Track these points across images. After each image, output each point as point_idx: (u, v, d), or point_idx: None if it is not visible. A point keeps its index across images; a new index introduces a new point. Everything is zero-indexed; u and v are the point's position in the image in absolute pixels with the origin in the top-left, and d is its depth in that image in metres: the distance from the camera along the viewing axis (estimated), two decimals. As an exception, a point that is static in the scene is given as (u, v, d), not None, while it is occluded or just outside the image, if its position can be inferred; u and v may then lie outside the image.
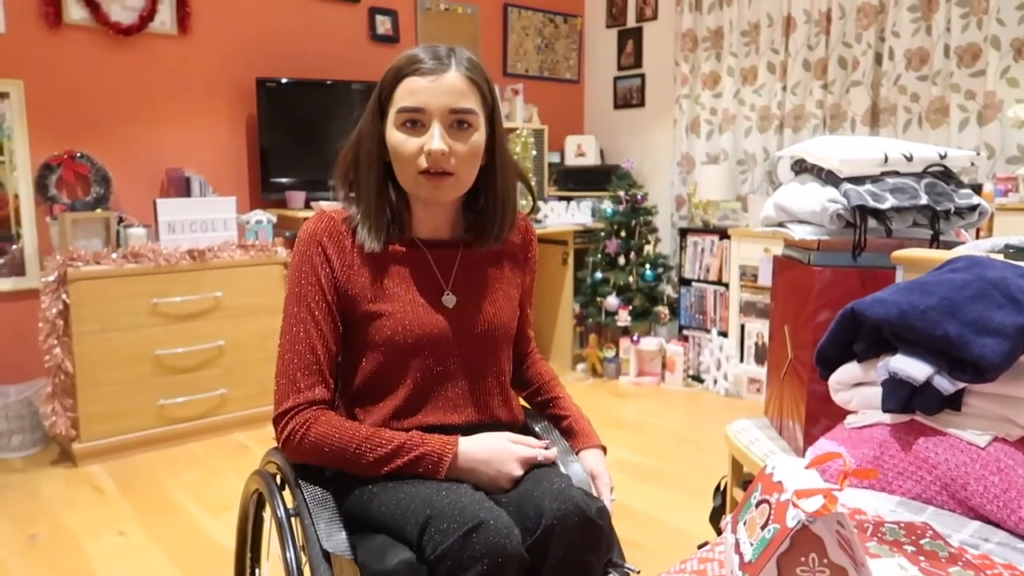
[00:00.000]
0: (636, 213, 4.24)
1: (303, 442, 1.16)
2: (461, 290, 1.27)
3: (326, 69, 3.92)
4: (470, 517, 1.01)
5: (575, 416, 1.41)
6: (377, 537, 1.11)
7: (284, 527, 1.19)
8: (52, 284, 2.84)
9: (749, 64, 4.22)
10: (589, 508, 1.08)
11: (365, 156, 1.22)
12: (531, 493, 1.10)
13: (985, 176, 3.23)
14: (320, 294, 1.20)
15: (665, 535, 2.37)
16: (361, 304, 1.22)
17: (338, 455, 1.15)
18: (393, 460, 1.14)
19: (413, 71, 1.16)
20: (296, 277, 1.22)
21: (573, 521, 1.06)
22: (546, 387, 1.46)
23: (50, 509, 2.59)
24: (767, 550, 0.79)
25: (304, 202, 3.70)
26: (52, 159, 3.20)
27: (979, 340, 1.12)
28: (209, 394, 3.21)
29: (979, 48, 3.29)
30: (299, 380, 1.18)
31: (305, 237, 1.24)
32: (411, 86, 1.16)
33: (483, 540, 0.99)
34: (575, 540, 1.06)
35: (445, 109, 1.16)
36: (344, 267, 1.22)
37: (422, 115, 1.16)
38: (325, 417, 1.17)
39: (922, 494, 1.21)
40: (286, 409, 1.17)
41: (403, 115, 1.16)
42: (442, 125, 1.16)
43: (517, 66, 4.83)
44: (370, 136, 1.22)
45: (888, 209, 1.67)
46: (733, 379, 3.94)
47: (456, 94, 1.16)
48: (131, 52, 3.41)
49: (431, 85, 1.15)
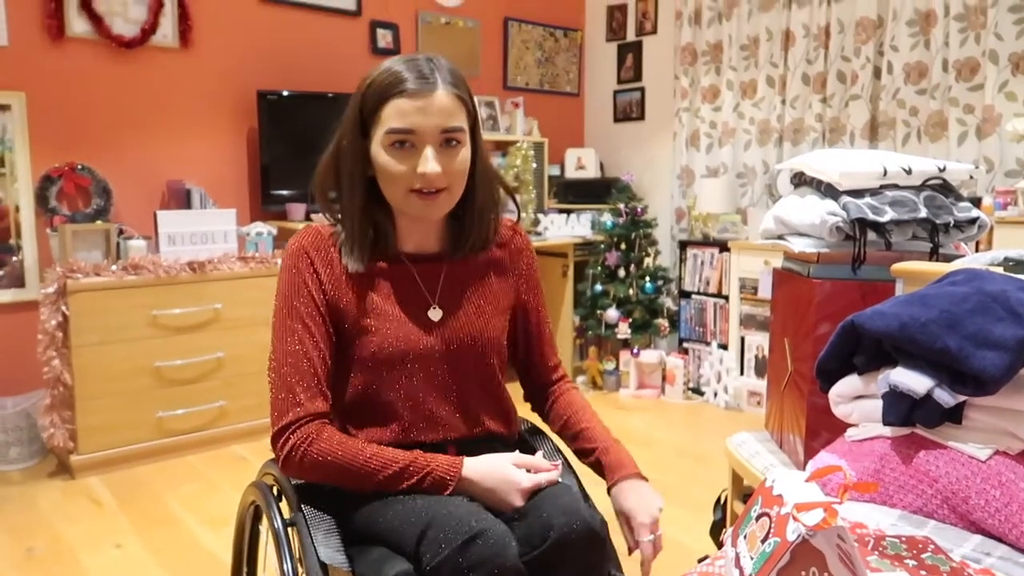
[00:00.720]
0: (636, 226, 4.24)
1: (304, 459, 1.13)
2: (447, 303, 1.27)
3: (327, 82, 3.93)
4: (467, 528, 1.01)
5: (603, 447, 1.30)
6: (375, 549, 1.11)
7: (281, 539, 1.18)
8: (52, 296, 2.84)
9: (748, 78, 4.24)
10: (595, 522, 1.09)
11: (348, 174, 1.20)
12: (538, 506, 1.10)
13: (984, 189, 3.24)
14: (313, 306, 1.19)
15: (665, 549, 2.35)
16: (348, 319, 1.22)
17: (341, 473, 1.14)
18: (398, 482, 1.13)
19: (399, 92, 1.14)
20: (286, 291, 1.21)
21: (580, 536, 1.06)
22: (573, 419, 1.36)
23: (47, 522, 2.57)
24: (768, 564, 0.78)
25: (304, 214, 3.71)
26: (53, 171, 3.20)
27: (979, 353, 1.11)
28: (208, 406, 3.20)
29: (977, 62, 3.30)
30: (298, 393, 1.15)
31: (293, 251, 1.23)
32: (399, 107, 1.14)
33: (480, 551, 0.99)
34: (582, 555, 1.06)
35: (436, 130, 1.15)
36: (332, 281, 1.21)
37: (412, 136, 1.14)
38: (327, 433, 1.15)
39: (923, 508, 1.20)
40: (286, 424, 1.15)
41: (392, 136, 1.15)
42: (433, 146, 1.15)
43: (517, 79, 4.85)
44: (352, 153, 1.19)
45: (887, 222, 1.67)
46: (733, 392, 3.93)
47: (445, 114, 1.15)
48: (133, 65, 3.42)
49: (420, 106, 1.13)
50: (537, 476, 1.15)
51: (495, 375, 1.31)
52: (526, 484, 1.13)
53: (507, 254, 1.36)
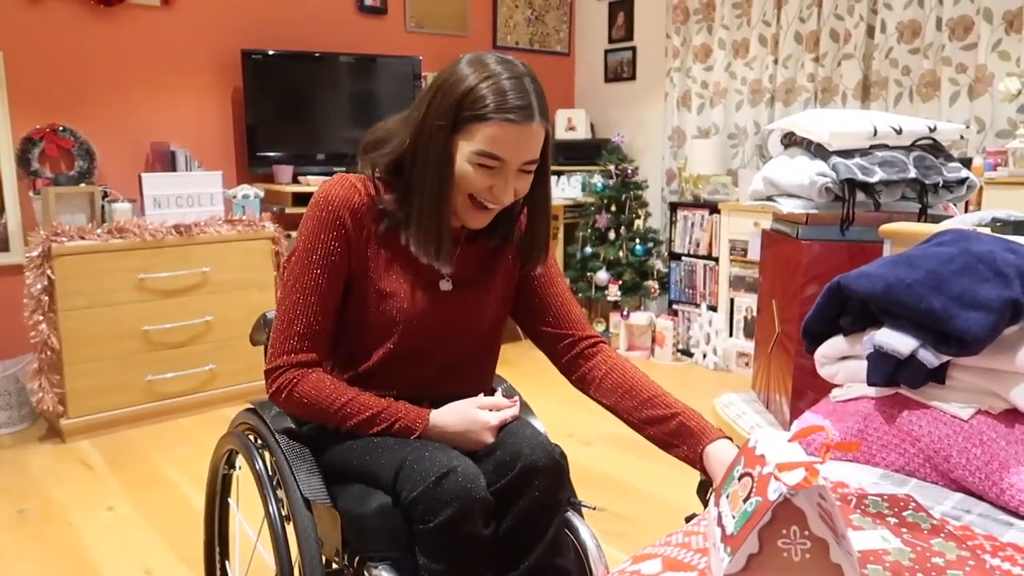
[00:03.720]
0: (626, 187, 4.22)
1: (290, 397, 1.23)
2: (457, 278, 1.30)
3: (313, 41, 3.86)
4: (440, 465, 1.10)
5: (685, 412, 1.22)
6: (354, 486, 1.20)
7: (264, 479, 1.28)
8: (36, 260, 2.82)
9: (741, 37, 4.18)
10: (555, 452, 1.19)
11: (433, 163, 1.18)
12: (505, 440, 1.20)
13: (975, 150, 3.23)
14: (330, 261, 1.22)
15: (653, 507, 2.39)
16: (363, 278, 1.25)
17: (319, 414, 1.23)
18: (369, 427, 1.22)
19: (502, 117, 1.13)
20: (308, 239, 1.23)
21: (544, 464, 1.16)
22: (635, 387, 1.28)
23: (39, 484, 2.59)
24: (749, 523, 0.79)
25: (292, 176, 3.67)
26: (34, 133, 3.15)
27: (964, 314, 1.12)
28: (198, 370, 3.20)
29: (971, 21, 3.27)
30: (294, 340, 1.23)
31: (325, 203, 1.22)
32: (496, 133, 1.13)
33: (452, 486, 1.08)
34: (544, 482, 1.16)
35: (522, 161, 1.18)
36: (357, 240, 1.24)
37: (499, 163, 1.16)
38: (314, 375, 1.23)
39: (905, 466, 1.22)
40: (277, 365, 1.23)
41: (482, 158, 1.15)
42: (514, 173, 1.18)
43: (507, 38, 4.77)
44: (436, 146, 1.17)
45: (877, 182, 1.66)
46: (722, 353, 3.96)
47: (533, 147, 1.18)
48: (113, 23, 3.35)
49: (515, 138, 1.14)
50: (502, 413, 1.24)
51: (488, 353, 1.38)
52: (494, 422, 1.22)
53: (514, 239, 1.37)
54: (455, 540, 1.09)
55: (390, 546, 1.13)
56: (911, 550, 0.95)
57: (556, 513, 1.20)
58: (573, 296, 1.40)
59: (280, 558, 1.21)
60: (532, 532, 1.18)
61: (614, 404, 1.30)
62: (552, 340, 1.37)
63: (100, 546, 2.19)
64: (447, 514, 1.07)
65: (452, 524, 1.08)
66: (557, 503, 1.21)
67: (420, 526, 1.09)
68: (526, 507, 1.16)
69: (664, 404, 1.24)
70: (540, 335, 1.38)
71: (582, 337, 1.36)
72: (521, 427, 1.23)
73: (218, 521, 1.60)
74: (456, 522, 1.08)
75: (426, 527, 1.08)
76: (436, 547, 1.09)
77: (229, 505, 1.58)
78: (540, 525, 1.18)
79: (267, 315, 1.45)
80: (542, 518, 1.18)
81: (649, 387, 1.28)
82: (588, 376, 1.33)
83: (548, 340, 1.37)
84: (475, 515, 1.10)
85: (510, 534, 1.17)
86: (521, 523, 1.17)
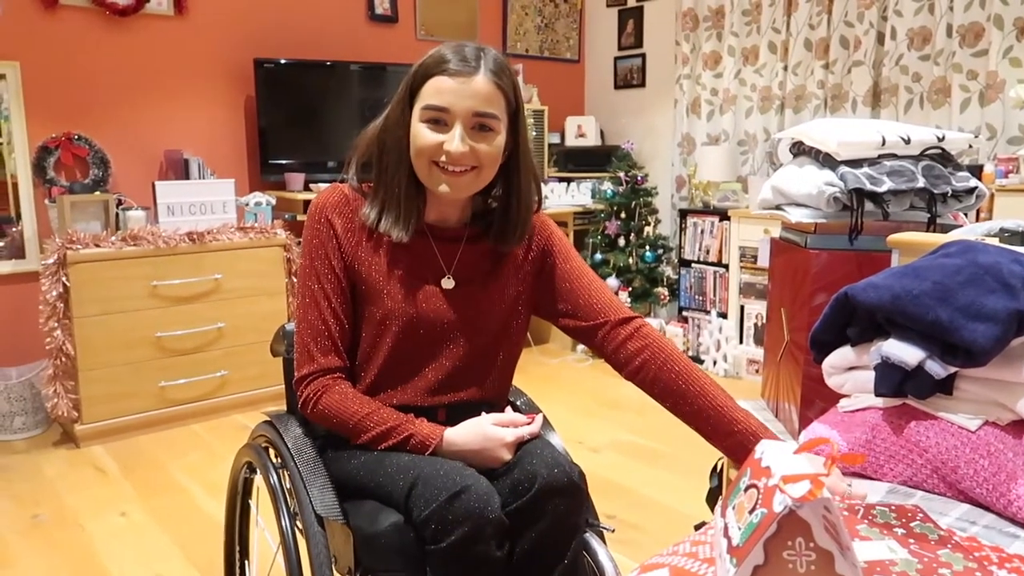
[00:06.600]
0: (636, 194, 4.23)
1: (315, 408, 1.25)
2: (461, 277, 1.31)
3: (324, 49, 3.89)
4: (452, 483, 1.08)
5: (749, 429, 1.19)
6: (367, 503, 1.19)
7: (279, 494, 1.29)
8: (52, 267, 2.85)
9: (750, 44, 4.19)
10: (574, 473, 1.16)
11: (394, 145, 1.25)
12: (522, 460, 1.17)
13: (986, 157, 3.22)
14: (329, 267, 1.26)
15: (663, 516, 2.39)
16: (363, 279, 1.27)
17: (340, 426, 1.25)
18: (382, 441, 1.22)
19: (441, 71, 1.19)
20: (307, 250, 1.29)
21: (562, 486, 1.14)
22: (686, 389, 1.25)
23: (52, 490, 2.61)
24: (754, 534, 0.80)
25: (303, 184, 3.69)
26: (50, 141, 3.19)
27: (971, 325, 1.12)
28: (210, 376, 3.22)
29: (981, 27, 3.26)
30: (313, 351, 1.26)
31: (315, 210, 1.29)
32: (438, 85, 1.19)
33: (465, 505, 1.06)
34: (562, 504, 1.14)
35: (468, 112, 1.19)
36: (350, 242, 1.27)
37: (446, 115, 1.19)
38: (338, 387, 1.25)
39: (913, 477, 1.22)
40: (302, 376, 1.26)
41: (428, 112, 1.20)
42: (464, 127, 1.19)
43: (517, 46, 4.79)
44: (397, 126, 1.24)
45: (885, 192, 1.67)
46: (732, 360, 3.95)
47: (480, 98, 1.19)
48: (128, 33, 3.39)
49: (457, 87, 1.18)
50: (519, 430, 1.22)
51: (497, 353, 1.35)
52: (510, 438, 1.20)
53: (523, 244, 1.35)
54: (467, 561, 1.07)
55: (403, 565, 1.11)
56: (918, 560, 0.96)
57: (574, 536, 1.17)
58: (600, 281, 1.36)
59: (291, 573, 1.21)
60: (550, 556, 1.15)
61: (670, 408, 1.30)
62: (588, 333, 1.32)
63: (112, 551, 2.21)
64: (459, 534, 1.05)
65: (464, 544, 1.06)
66: (575, 526, 1.18)
67: (432, 546, 1.07)
68: (543, 529, 1.14)
69: (718, 413, 1.22)
70: (579, 332, 1.33)
71: (617, 322, 1.30)
72: (539, 446, 1.21)
73: (238, 521, 1.62)
74: (468, 542, 1.06)
75: (438, 547, 1.06)
76: (448, 567, 1.07)
77: (250, 507, 1.59)
78: (558, 549, 1.15)
79: (286, 327, 1.46)
80: (560, 542, 1.15)
81: (703, 392, 1.24)
82: (638, 377, 1.29)
83: (586, 335, 1.33)
84: (488, 536, 1.08)
85: (527, 557, 1.14)
86: (538, 547, 1.14)
